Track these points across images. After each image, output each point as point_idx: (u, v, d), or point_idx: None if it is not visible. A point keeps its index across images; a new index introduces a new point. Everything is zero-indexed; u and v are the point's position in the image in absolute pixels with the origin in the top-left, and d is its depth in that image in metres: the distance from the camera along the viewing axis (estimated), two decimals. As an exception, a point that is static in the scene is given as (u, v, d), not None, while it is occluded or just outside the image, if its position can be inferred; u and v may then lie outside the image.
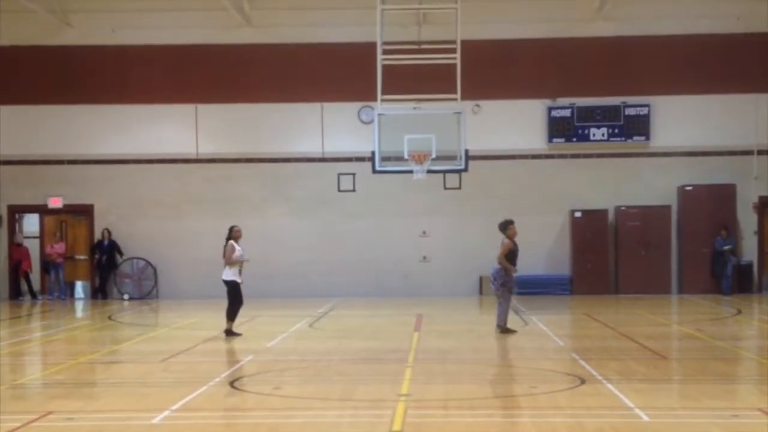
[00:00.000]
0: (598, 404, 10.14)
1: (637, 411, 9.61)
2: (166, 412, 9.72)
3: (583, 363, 12.97)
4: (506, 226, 16.56)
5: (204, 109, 26.88)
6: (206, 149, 26.93)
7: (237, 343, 15.83)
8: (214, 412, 10.15)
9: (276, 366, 13.25)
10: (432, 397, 10.63)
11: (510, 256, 16.36)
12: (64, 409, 10.04)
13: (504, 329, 16.22)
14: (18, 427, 9.04)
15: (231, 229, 17.01)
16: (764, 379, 11.79)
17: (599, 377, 11.72)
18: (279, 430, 8.94)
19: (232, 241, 16.76)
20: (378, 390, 11.11)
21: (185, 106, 26.80)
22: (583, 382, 11.46)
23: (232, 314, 16.59)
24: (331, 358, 14.08)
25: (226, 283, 16.61)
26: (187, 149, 26.88)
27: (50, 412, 9.77)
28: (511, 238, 16.41)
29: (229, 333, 16.42)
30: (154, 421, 9.35)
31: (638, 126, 26.33)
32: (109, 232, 26.74)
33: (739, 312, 21.24)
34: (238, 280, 16.62)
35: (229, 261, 16.55)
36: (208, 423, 9.38)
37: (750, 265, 26.14)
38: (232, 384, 11.63)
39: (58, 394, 11.33)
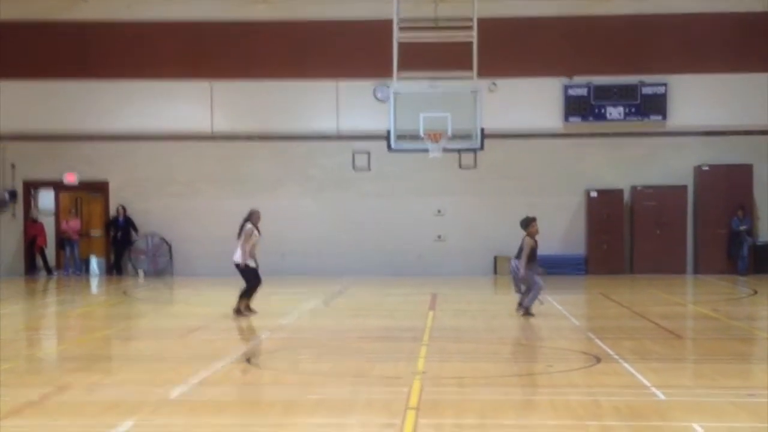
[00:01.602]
0: (613, 383, 10.13)
1: (653, 390, 9.60)
2: (184, 387, 9.76)
3: (598, 342, 12.95)
4: (528, 224, 16.33)
5: (219, 86, 26.85)
6: (221, 127, 26.92)
7: (252, 321, 15.86)
8: (231, 388, 10.18)
9: (291, 343, 13.28)
10: (448, 374, 10.64)
11: (531, 254, 16.16)
12: (82, 382, 10.09)
13: (526, 312, 16.11)
14: (36, 400, 9.09)
15: (251, 212, 16.62)
16: (781, 359, 11.76)
17: (615, 356, 11.70)
18: (295, 406, 8.96)
19: (250, 225, 16.44)
20: (394, 367, 11.13)
21: (200, 82, 26.78)
22: (598, 361, 11.44)
23: (245, 293, 16.34)
24: (346, 336, 14.10)
25: (237, 266, 16.36)
26: (201, 126, 26.87)
27: (68, 386, 9.83)
28: (532, 235, 16.22)
29: (238, 312, 16.18)
30: (173, 395, 9.38)
31: (655, 105, 26.17)
32: (124, 209, 26.79)
33: (755, 292, 21.16)
34: (251, 264, 16.38)
35: (243, 246, 16.23)
36: (225, 398, 9.40)
37: (766, 246, 26.01)
38: (248, 360, 11.66)
39: (75, 367, 11.39)
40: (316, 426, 8.12)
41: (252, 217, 16.52)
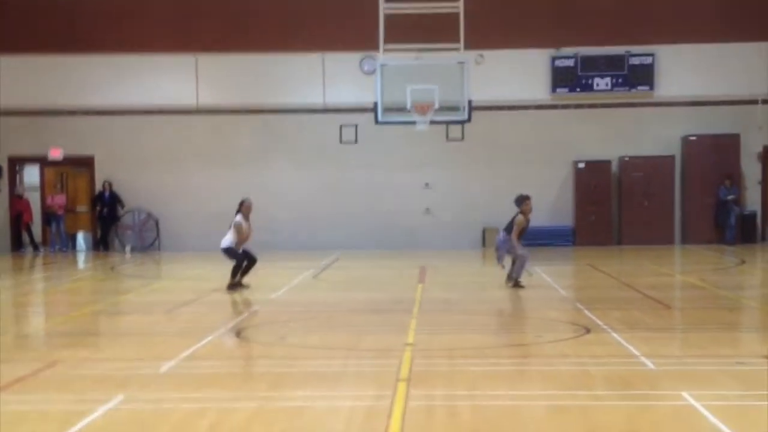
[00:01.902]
0: (603, 353, 10.15)
1: (643, 359, 9.63)
2: (173, 361, 9.74)
3: (587, 313, 12.97)
4: (522, 201, 16.31)
5: (204, 59, 26.68)
6: (207, 100, 26.77)
7: (241, 295, 15.82)
8: (221, 361, 10.16)
9: (281, 317, 13.26)
10: (438, 346, 10.64)
11: (521, 232, 16.19)
12: (71, 357, 10.06)
13: (516, 283, 16.09)
14: (26, 375, 9.06)
15: (242, 203, 16.41)
16: (769, 327, 11.81)
17: (604, 326, 11.73)
18: (286, 378, 8.95)
19: (239, 218, 16.25)
20: (384, 339, 11.12)
21: (185, 56, 26.60)
22: (588, 331, 11.46)
23: (235, 269, 16.30)
24: (335, 309, 14.09)
25: (223, 251, 16.30)
26: (187, 100, 26.72)
27: (57, 361, 9.79)
28: (525, 214, 16.21)
29: (232, 287, 16.18)
30: (162, 369, 9.36)
31: (642, 75, 26.13)
32: (110, 184, 26.67)
33: (743, 262, 21.24)
34: (239, 250, 16.27)
35: (236, 241, 16.19)
36: (215, 372, 9.39)
37: (754, 215, 26.10)
38: (237, 334, 11.64)
39: (64, 343, 11.35)
40: (307, 398, 8.11)
41: (242, 208, 16.34)
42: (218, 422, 7.28)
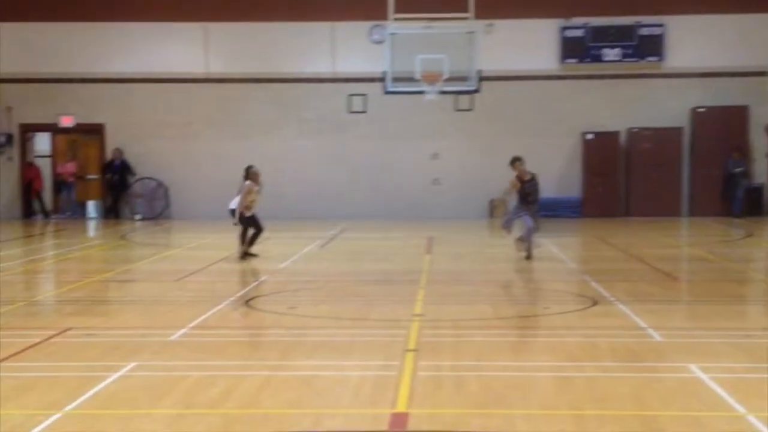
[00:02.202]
0: (610, 324, 10.22)
1: (650, 331, 9.68)
2: (184, 330, 9.82)
3: (594, 284, 13.02)
4: (512, 163, 16.36)
5: (213, 27, 26.64)
6: (216, 69, 26.77)
7: (250, 264, 15.90)
8: (231, 330, 10.26)
9: (289, 286, 13.33)
10: (446, 317, 10.70)
11: (519, 194, 16.17)
12: (82, 325, 10.15)
13: (526, 254, 16.08)
14: (38, 342, 9.16)
15: (248, 170, 16.52)
16: (776, 300, 11.85)
17: (611, 298, 11.78)
18: (295, 348, 9.02)
19: (249, 182, 16.36)
20: (392, 310, 11.19)
21: (195, 24, 26.56)
22: (595, 303, 11.52)
23: (242, 239, 16.40)
24: (343, 279, 14.16)
25: (231, 213, 16.39)
26: (196, 68, 26.72)
27: (68, 329, 9.88)
28: (518, 175, 16.22)
29: (243, 256, 16.30)
30: (172, 338, 9.45)
31: (652, 46, 26.04)
32: (120, 152, 26.73)
33: (750, 234, 21.27)
34: (246, 214, 16.39)
35: (242, 199, 16.32)
36: (225, 340, 9.47)
37: (761, 188, 26.07)
38: (247, 303, 11.72)
39: (75, 311, 11.46)
40: (316, 367, 8.18)
41: (250, 174, 16.44)
42: (229, 390, 7.36)
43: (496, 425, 6.52)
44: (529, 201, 16.15)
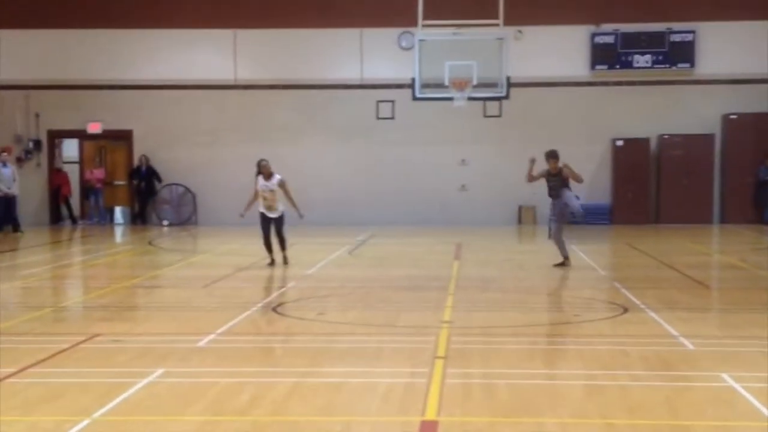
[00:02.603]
0: (641, 332, 10.09)
1: (682, 339, 9.56)
2: (212, 336, 9.79)
3: (625, 292, 12.89)
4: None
5: (242, 34, 26.70)
6: (244, 75, 26.81)
7: (277, 270, 15.88)
8: (259, 337, 10.22)
9: (317, 293, 13.27)
10: (475, 324, 10.62)
11: (550, 186, 16.13)
12: (110, 331, 10.14)
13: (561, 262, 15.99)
14: (66, 348, 9.15)
15: (258, 164, 16.70)
16: (810, 309, 11.65)
17: (642, 306, 11.66)
18: (323, 354, 8.97)
19: (259, 178, 16.52)
20: (420, 317, 11.12)
21: (223, 31, 26.63)
22: (626, 310, 11.40)
23: (266, 244, 16.47)
24: (372, 286, 14.10)
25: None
26: (225, 75, 26.78)
27: (97, 335, 9.87)
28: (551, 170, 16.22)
29: (274, 261, 16.34)
30: (200, 344, 9.42)
31: (683, 53, 25.85)
32: (147, 158, 26.82)
33: (783, 242, 21.04)
34: (267, 214, 16.41)
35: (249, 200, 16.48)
36: (253, 347, 9.44)
37: (793, 195, 25.80)
38: (274, 309, 11.68)
39: (103, 317, 11.45)
40: (344, 374, 8.13)
41: (261, 169, 16.53)
42: (257, 397, 7.31)
43: (527, 434, 6.44)
44: (551, 195, 16.03)
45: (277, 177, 16.32)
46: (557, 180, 16.03)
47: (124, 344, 9.47)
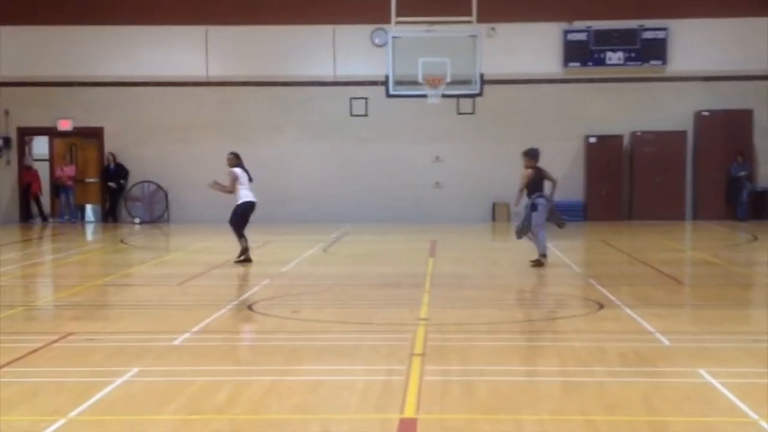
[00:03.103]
0: (618, 329, 10.10)
1: (658, 335, 9.57)
2: (187, 334, 9.71)
3: (600, 288, 12.92)
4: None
5: (214, 30, 26.56)
6: (217, 72, 26.68)
7: (252, 268, 15.79)
8: (235, 335, 10.15)
9: (292, 290, 13.21)
10: (451, 321, 10.58)
11: (527, 185, 15.95)
12: (83, 330, 10.03)
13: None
14: (39, 347, 9.04)
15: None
16: (784, 304, 11.74)
17: (617, 302, 11.68)
18: (300, 352, 8.91)
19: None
20: (397, 314, 11.08)
21: (196, 27, 26.48)
22: (601, 307, 11.41)
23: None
24: (347, 283, 14.06)
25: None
26: (197, 72, 26.63)
27: (70, 333, 9.77)
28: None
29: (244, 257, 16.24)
30: (175, 342, 9.33)
31: (655, 50, 25.96)
32: (114, 156, 26.62)
33: (755, 238, 21.16)
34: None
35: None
36: (229, 345, 9.37)
37: (765, 192, 25.97)
38: (249, 307, 11.61)
39: (76, 315, 11.33)
40: (322, 372, 8.08)
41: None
42: (234, 395, 7.25)
43: (505, 431, 6.41)
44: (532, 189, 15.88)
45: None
46: (534, 184, 15.85)
47: (98, 343, 9.38)
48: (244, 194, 16.33)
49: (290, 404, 7.07)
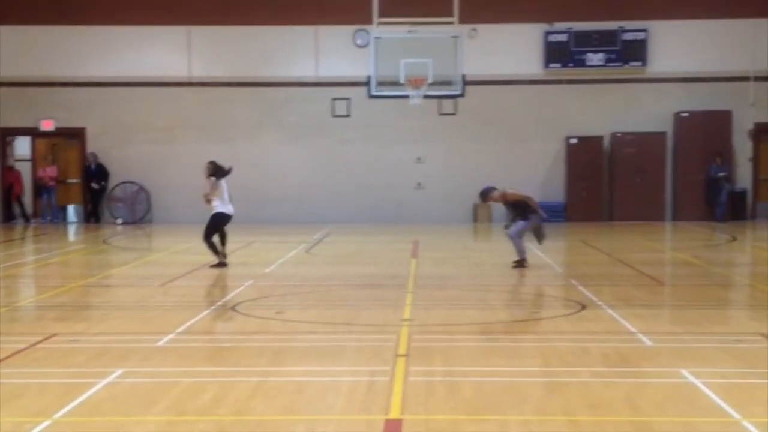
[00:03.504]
0: (600, 329, 10.18)
1: (640, 336, 9.65)
2: (171, 335, 9.72)
3: (582, 289, 13.00)
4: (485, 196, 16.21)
5: (197, 31, 26.53)
6: (199, 72, 26.65)
7: (234, 269, 15.78)
8: (219, 336, 10.17)
9: (276, 291, 13.22)
10: (435, 322, 10.64)
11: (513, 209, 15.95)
12: (67, 331, 10.03)
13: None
14: (24, 349, 9.03)
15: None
16: (763, 304, 11.83)
17: (599, 302, 11.76)
18: (285, 353, 8.94)
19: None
20: (380, 315, 11.12)
21: (177, 27, 26.44)
22: (583, 307, 11.49)
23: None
24: (330, 284, 14.08)
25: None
26: (179, 72, 26.59)
27: (54, 334, 9.76)
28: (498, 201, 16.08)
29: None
30: (159, 343, 9.34)
31: (635, 51, 26.12)
32: (95, 156, 26.55)
33: (734, 239, 21.32)
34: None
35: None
36: (214, 346, 9.39)
37: (744, 192, 26.18)
38: (233, 308, 11.62)
39: (59, 316, 11.31)
40: (307, 373, 8.11)
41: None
42: (220, 396, 7.27)
43: (491, 431, 6.46)
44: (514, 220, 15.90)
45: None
46: (511, 208, 15.85)
47: (81, 344, 9.37)
48: (220, 204, 16.04)
49: (276, 405, 7.10)
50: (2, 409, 6.92)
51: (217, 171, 16.06)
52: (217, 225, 16.03)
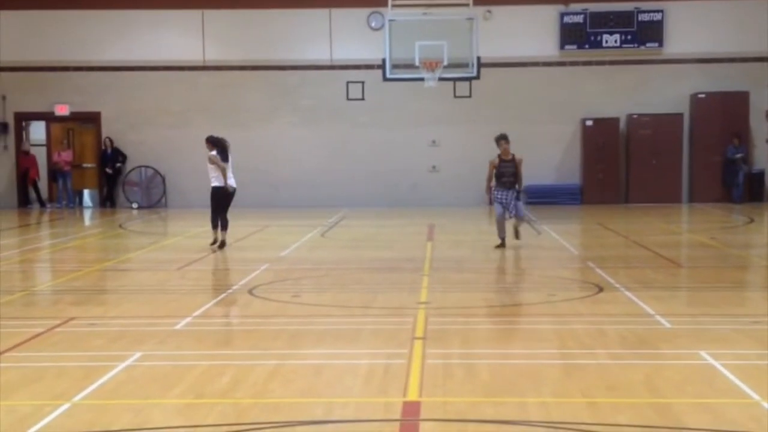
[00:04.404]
0: (617, 311, 10.15)
1: (658, 317, 9.63)
2: (188, 319, 9.74)
3: (599, 271, 12.96)
4: (497, 141, 16.22)
5: (211, 14, 26.48)
6: (213, 56, 26.60)
7: (250, 253, 15.81)
8: (236, 319, 10.19)
9: (292, 275, 13.24)
10: (452, 304, 10.63)
11: (492, 174, 15.97)
12: (85, 315, 10.07)
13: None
14: (42, 332, 9.07)
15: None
16: (782, 286, 11.78)
17: (616, 285, 11.72)
18: (302, 336, 8.95)
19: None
20: (397, 298, 11.12)
21: (191, 11, 26.39)
22: (601, 290, 11.46)
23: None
24: (346, 267, 14.07)
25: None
26: (193, 56, 26.55)
27: (72, 318, 9.80)
28: (502, 155, 16.07)
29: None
30: (177, 327, 9.36)
31: (651, 32, 25.93)
32: (111, 141, 26.59)
33: (751, 220, 21.21)
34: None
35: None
36: (231, 329, 9.41)
37: (761, 174, 26.01)
38: (250, 292, 11.63)
39: (77, 300, 11.34)
40: (324, 356, 8.11)
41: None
42: (238, 379, 7.28)
43: (509, 413, 6.45)
44: (503, 182, 15.84)
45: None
46: (511, 166, 15.83)
47: (99, 328, 9.40)
48: (216, 179, 16.21)
49: (294, 388, 7.11)
50: (21, 392, 6.96)
51: (217, 143, 16.21)
52: (218, 201, 16.09)
